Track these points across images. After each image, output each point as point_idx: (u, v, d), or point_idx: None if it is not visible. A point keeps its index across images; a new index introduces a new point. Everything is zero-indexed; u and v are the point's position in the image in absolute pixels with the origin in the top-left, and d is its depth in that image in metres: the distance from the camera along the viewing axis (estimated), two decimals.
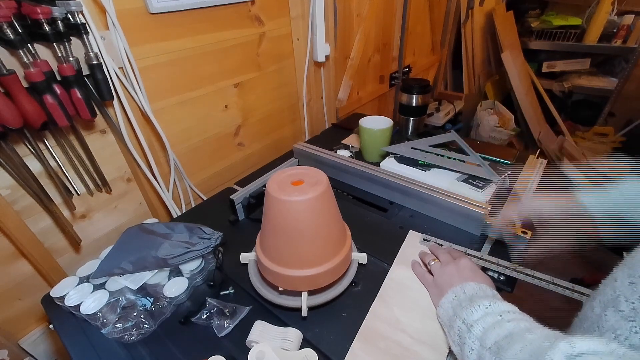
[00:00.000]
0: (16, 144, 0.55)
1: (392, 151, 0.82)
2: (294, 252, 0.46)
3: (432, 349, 0.44)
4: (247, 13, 0.82)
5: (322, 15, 0.93)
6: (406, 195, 0.70)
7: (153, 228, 0.59)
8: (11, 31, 0.45)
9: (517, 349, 0.31)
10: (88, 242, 0.70)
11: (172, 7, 0.66)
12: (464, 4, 1.78)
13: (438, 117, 1.72)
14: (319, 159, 0.83)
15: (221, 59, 0.80)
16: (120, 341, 0.49)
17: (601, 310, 0.31)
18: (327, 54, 1.01)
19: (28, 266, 0.64)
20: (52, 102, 0.51)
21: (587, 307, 0.35)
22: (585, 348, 0.26)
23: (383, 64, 1.46)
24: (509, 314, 0.38)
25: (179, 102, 0.75)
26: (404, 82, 1.02)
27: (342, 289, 0.51)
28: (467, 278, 0.46)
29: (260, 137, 1.00)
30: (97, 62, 0.56)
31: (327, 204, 0.46)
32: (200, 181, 0.87)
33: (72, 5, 0.50)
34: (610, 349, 0.25)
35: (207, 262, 0.58)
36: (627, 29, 1.85)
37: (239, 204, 0.70)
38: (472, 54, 1.93)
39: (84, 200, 0.68)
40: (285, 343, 0.44)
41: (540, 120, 2.06)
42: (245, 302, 0.53)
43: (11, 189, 0.57)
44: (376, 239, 0.63)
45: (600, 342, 0.26)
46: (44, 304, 0.56)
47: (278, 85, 0.99)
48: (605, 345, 0.26)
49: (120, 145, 0.69)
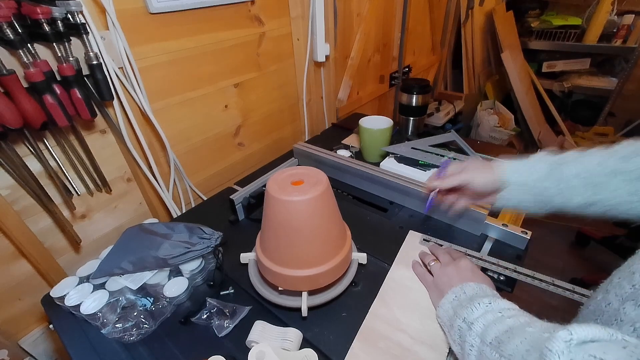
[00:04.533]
0: (16, 144, 0.55)
1: (392, 151, 0.82)
2: (294, 252, 0.46)
3: (432, 349, 0.44)
4: (247, 13, 0.82)
5: (322, 15, 0.93)
6: (406, 195, 0.70)
7: (153, 228, 0.59)
8: (11, 31, 0.45)
9: (517, 342, 0.31)
10: (88, 242, 0.70)
11: (172, 7, 0.66)
12: (464, 4, 1.78)
13: (438, 117, 1.72)
14: (319, 159, 0.83)
15: (221, 59, 0.80)
16: (120, 341, 0.49)
17: (619, 304, 0.31)
18: (327, 54, 1.01)
19: (28, 266, 0.64)
20: (52, 102, 0.51)
21: (599, 300, 0.34)
22: (584, 335, 0.25)
23: (383, 64, 1.46)
24: (509, 310, 0.38)
25: (179, 102, 0.75)
26: (404, 82, 1.02)
27: (342, 289, 0.51)
28: (467, 279, 0.46)
29: (260, 137, 1.00)
30: (97, 62, 0.56)
31: (327, 204, 0.46)
32: (200, 181, 0.87)
33: (72, 5, 0.50)
34: (613, 338, 0.25)
35: (207, 262, 0.58)
36: (627, 29, 1.85)
37: (239, 204, 0.70)
38: (472, 54, 1.93)
39: (84, 200, 0.68)
40: (285, 343, 0.44)
41: (540, 120, 2.06)
42: (245, 302, 0.53)
43: (11, 189, 0.57)
44: (376, 239, 0.63)
45: (601, 329, 0.25)
46: (44, 304, 0.57)
47: (278, 85, 0.99)
48: (609, 334, 0.25)
49: (120, 145, 0.69)
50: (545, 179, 0.47)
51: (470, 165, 0.54)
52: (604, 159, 0.43)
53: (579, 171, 0.44)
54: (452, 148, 0.85)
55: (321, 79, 1.09)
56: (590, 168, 0.44)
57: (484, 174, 0.52)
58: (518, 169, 0.50)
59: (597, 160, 0.44)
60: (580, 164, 0.45)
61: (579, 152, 0.47)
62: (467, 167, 0.54)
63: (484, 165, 0.53)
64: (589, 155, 0.45)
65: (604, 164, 0.43)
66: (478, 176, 0.52)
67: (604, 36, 1.93)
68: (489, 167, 0.52)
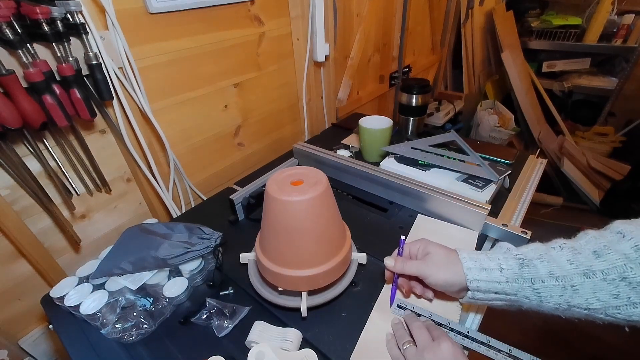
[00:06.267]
0: (16, 144, 0.55)
1: (392, 151, 0.81)
2: (293, 252, 0.46)
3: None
4: (247, 13, 0.82)
5: (322, 15, 0.93)
6: (406, 195, 0.70)
7: (153, 228, 0.59)
8: (10, 31, 0.45)
9: None
10: (88, 242, 0.70)
11: (171, 7, 0.66)
12: (464, 3, 1.78)
13: (438, 117, 1.72)
14: (319, 159, 0.83)
15: (221, 59, 0.80)
16: (120, 341, 0.49)
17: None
18: (327, 54, 1.01)
19: (28, 266, 0.64)
20: (51, 102, 0.51)
21: None
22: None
23: (383, 63, 1.45)
24: None
25: (179, 102, 0.75)
26: (403, 82, 1.02)
27: (341, 289, 0.51)
28: None
29: (260, 137, 1.00)
30: (96, 62, 0.56)
31: (327, 204, 0.46)
32: (200, 181, 0.87)
33: (72, 5, 0.50)
34: None
35: (207, 262, 0.58)
36: (627, 29, 1.85)
37: (239, 204, 0.70)
38: (472, 54, 1.93)
39: (84, 201, 0.68)
40: (284, 343, 0.44)
41: (540, 120, 2.06)
42: (245, 302, 0.53)
43: (11, 189, 0.57)
44: (376, 239, 0.63)
45: None
46: (43, 304, 0.56)
47: (278, 85, 0.99)
48: None
49: (120, 145, 0.69)
50: (515, 279, 0.40)
51: (432, 257, 0.46)
52: (574, 255, 0.38)
53: (551, 269, 0.39)
54: (452, 148, 0.85)
55: (321, 79, 1.09)
56: (562, 265, 0.38)
57: (445, 273, 0.44)
58: (485, 266, 0.43)
59: (566, 256, 0.39)
60: (550, 262, 0.39)
61: (545, 247, 0.42)
62: (427, 257, 0.47)
63: (447, 259, 0.45)
64: (558, 249, 0.40)
65: (575, 262, 0.38)
66: (437, 275, 0.45)
67: (604, 36, 1.93)
68: (452, 264, 0.45)
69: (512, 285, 0.40)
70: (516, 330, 1.20)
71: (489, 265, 0.43)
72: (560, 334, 1.24)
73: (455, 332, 0.45)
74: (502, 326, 0.94)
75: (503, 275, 0.41)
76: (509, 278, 0.41)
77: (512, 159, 0.81)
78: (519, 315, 0.39)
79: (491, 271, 0.42)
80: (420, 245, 0.49)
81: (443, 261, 0.45)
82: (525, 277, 0.40)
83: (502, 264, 0.42)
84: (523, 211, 0.67)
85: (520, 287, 0.40)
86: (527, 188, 0.74)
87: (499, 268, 0.42)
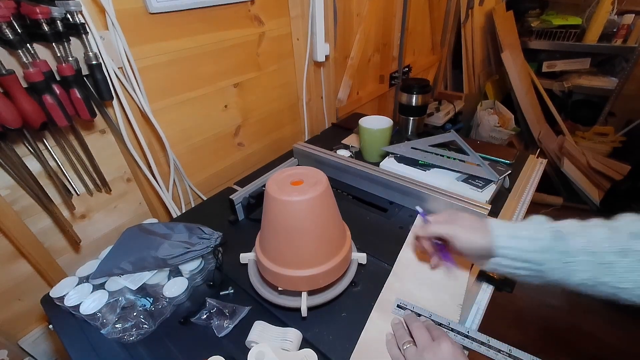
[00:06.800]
0: (15, 144, 0.55)
1: (392, 151, 0.82)
2: (293, 252, 0.46)
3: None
4: (247, 13, 0.82)
5: (322, 15, 0.93)
6: (406, 195, 0.70)
7: (153, 228, 0.59)
8: (10, 31, 0.45)
9: None
10: (88, 242, 0.70)
11: (171, 7, 0.66)
12: (464, 3, 1.78)
13: (438, 117, 1.72)
14: (319, 159, 0.83)
15: (221, 59, 0.80)
16: (120, 341, 0.49)
17: None
18: (327, 54, 1.01)
19: (28, 266, 0.64)
20: (51, 102, 0.51)
21: None
22: None
23: (383, 63, 1.45)
24: None
25: (179, 102, 0.75)
26: (403, 82, 1.02)
27: (341, 289, 0.51)
28: None
29: (260, 137, 1.00)
30: (96, 62, 0.56)
31: (327, 204, 0.46)
32: (200, 181, 0.87)
33: (72, 5, 0.50)
34: None
35: (207, 262, 0.58)
36: (627, 29, 1.84)
37: (239, 204, 0.70)
38: (472, 54, 1.93)
39: (84, 201, 0.68)
40: (284, 343, 0.44)
41: (540, 120, 2.06)
42: (245, 302, 0.53)
43: (11, 189, 0.57)
44: (376, 239, 0.63)
45: None
46: (43, 304, 0.56)
47: (278, 85, 0.99)
48: None
49: (120, 145, 0.69)
50: (547, 250, 0.40)
51: (459, 220, 0.47)
52: (612, 234, 0.38)
53: (585, 245, 0.39)
54: (452, 148, 0.85)
55: (321, 79, 1.09)
56: (598, 242, 0.38)
57: (471, 235, 0.45)
58: (516, 234, 0.43)
59: (603, 234, 0.39)
60: (586, 237, 0.39)
61: (580, 223, 0.42)
62: (455, 220, 0.48)
63: (474, 224, 0.46)
64: (594, 227, 0.40)
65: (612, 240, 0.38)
66: (463, 236, 0.45)
67: (604, 36, 1.93)
68: (480, 228, 0.45)
69: (543, 256, 0.41)
70: (516, 330, 1.20)
71: (520, 234, 0.43)
72: (560, 334, 1.24)
73: (455, 332, 0.44)
74: (502, 326, 0.94)
75: (533, 245, 0.41)
76: (539, 248, 0.41)
77: (512, 159, 0.81)
78: (519, 316, 0.39)
79: (521, 239, 0.42)
80: (448, 212, 0.51)
81: (472, 225, 0.46)
82: (557, 249, 0.40)
83: (533, 234, 0.42)
84: (523, 211, 0.68)
85: (550, 257, 0.40)
86: (527, 188, 0.74)
87: (530, 238, 0.42)
